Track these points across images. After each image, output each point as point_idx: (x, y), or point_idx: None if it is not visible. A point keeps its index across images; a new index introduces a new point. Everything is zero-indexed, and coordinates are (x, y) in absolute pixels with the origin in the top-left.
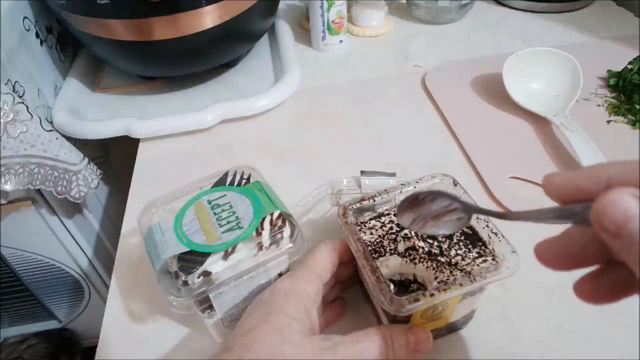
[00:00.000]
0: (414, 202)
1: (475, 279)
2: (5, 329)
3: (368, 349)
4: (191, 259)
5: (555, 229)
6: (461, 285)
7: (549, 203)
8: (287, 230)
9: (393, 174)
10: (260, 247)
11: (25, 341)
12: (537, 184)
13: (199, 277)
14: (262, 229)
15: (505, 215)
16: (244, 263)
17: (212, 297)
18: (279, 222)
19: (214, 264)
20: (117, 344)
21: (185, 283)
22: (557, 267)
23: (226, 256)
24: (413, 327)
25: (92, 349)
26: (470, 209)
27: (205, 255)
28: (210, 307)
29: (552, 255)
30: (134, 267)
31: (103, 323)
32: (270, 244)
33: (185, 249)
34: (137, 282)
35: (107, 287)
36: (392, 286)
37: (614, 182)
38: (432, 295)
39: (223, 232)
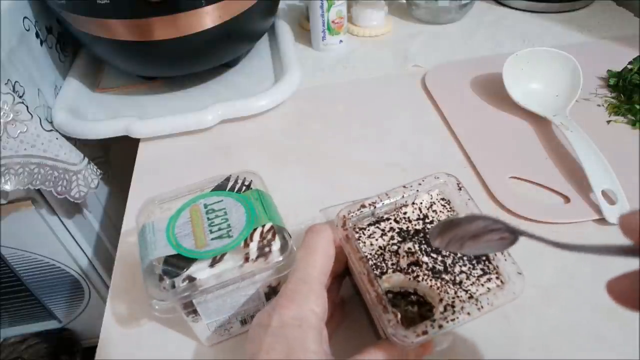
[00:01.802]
0: (449, 224)
1: (482, 307)
2: (5, 329)
3: None
4: (176, 263)
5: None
6: (469, 314)
7: (549, 205)
8: (276, 244)
9: None
10: (246, 258)
11: (25, 341)
12: (537, 184)
13: (183, 282)
14: (251, 240)
15: (562, 245)
16: (228, 273)
17: (195, 302)
18: (269, 235)
19: (200, 271)
20: (117, 344)
21: (168, 287)
22: (634, 306)
23: (214, 264)
24: None
25: (92, 349)
26: (516, 232)
27: (191, 260)
28: (195, 311)
29: (630, 293)
30: (134, 267)
31: (103, 323)
32: (258, 257)
33: (173, 252)
34: (137, 282)
35: (107, 287)
36: (399, 316)
37: None
38: (440, 326)
39: (212, 239)
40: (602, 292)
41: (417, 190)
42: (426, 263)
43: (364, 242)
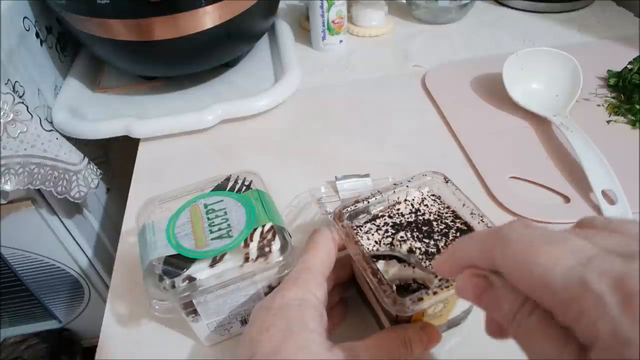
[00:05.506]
0: None
1: None
2: (5, 329)
3: (390, 353)
4: (176, 263)
5: None
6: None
7: (549, 205)
8: (276, 244)
9: (367, 175)
10: (246, 258)
11: (25, 341)
12: (537, 184)
13: (183, 282)
14: (251, 240)
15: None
16: (229, 273)
17: (195, 302)
18: (269, 235)
19: (200, 271)
20: (117, 344)
21: (168, 287)
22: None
23: (214, 264)
24: (424, 324)
25: (92, 349)
26: None
27: (191, 260)
28: (195, 311)
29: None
30: (134, 267)
31: (103, 323)
32: (258, 257)
33: (173, 252)
34: (137, 282)
35: (107, 287)
36: (394, 287)
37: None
38: (435, 293)
39: (212, 239)
40: None
41: (407, 186)
42: (419, 248)
43: (361, 237)
